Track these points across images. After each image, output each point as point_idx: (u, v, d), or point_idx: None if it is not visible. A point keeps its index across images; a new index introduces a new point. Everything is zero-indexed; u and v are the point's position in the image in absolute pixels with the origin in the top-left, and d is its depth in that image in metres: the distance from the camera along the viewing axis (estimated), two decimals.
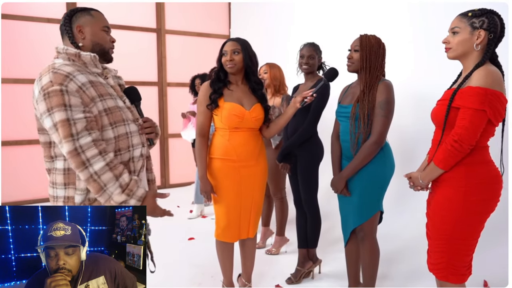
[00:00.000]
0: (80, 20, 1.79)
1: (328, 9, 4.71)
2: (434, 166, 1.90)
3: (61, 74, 1.63)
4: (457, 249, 1.89)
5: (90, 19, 1.81)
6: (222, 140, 2.49)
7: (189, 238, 4.07)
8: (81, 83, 1.67)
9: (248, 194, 2.55)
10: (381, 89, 2.31)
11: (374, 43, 2.36)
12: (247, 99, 2.51)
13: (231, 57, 2.44)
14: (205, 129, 2.53)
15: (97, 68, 1.80)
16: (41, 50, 5.11)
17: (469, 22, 1.86)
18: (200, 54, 6.27)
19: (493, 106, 1.76)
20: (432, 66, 3.54)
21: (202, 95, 2.50)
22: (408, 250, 3.37)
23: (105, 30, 1.85)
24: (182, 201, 5.44)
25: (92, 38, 1.80)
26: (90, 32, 1.80)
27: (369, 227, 2.44)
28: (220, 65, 2.49)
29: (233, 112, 2.43)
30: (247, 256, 2.76)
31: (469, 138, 1.77)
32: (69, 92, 1.61)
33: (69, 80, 1.63)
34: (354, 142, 2.37)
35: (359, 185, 2.41)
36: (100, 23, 1.84)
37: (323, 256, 3.39)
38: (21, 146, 5.13)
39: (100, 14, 1.87)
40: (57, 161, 1.73)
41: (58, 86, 1.60)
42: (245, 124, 2.48)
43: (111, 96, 1.79)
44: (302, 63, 3.00)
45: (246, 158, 2.50)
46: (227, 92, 2.49)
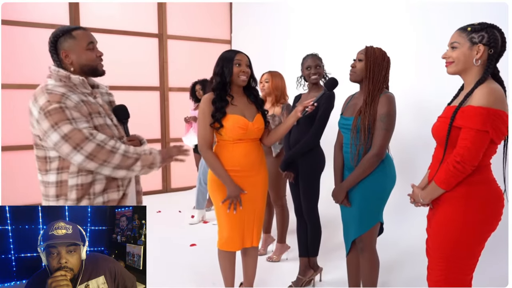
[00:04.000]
0: (64, 45, 1.83)
1: (329, 17, 4.67)
2: (436, 186, 1.87)
3: (56, 94, 1.71)
4: (458, 268, 1.86)
5: (73, 42, 1.84)
6: (225, 151, 2.46)
7: (191, 245, 4.04)
8: (76, 101, 1.74)
9: (250, 203, 2.51)
10: (383, 102, 2.29)
11: (379, 55, 2.34)
12: (249, 110, 2.49)
13: (246, 69, 2.42)
14: (210, 142, 2.46)
15: (86, 89, 1.86)
16: (42, 55, 5.13)
17: (468, 37, 1.82)
18: (201, 59, 6.28)
19: (495, 126, 1.72)
20: (434, 73, 3.49)
21: (205, 109, 2.44)
22: (408, 258, 3.34)
23: (90, 48, 1.88)
24: (184, 206, 5.42)
25: (79, 61, 1.85)
26: (76, 55, 1.84)
27: (368, 238, 2.42)
28: (224, 78, 2.41)
29: (237, 124, 2.40)
30: (249, 264, 2.73)
31: (471, 159, 1.74)
32: (68, 107, 1.69)
33: (65, 98, 1.71)
34: (355, 153, 2.36)
35: (359, 196, 2.39)
36: (83, 43, 1.86)
37: (324, 264, 3.36)
38: (20, 151, 5.12)
39: (82, 32, 1.88)
40: (50, 174, 1.79)
41: (57, 104, 1.67)
42: (249, 135, 2.45)
43: (100, 114, 1.86)
44: (311, 74, 2.97)
45: (248, 168, 2.47)
46: (229, 105, 2.44)
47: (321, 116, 2.83)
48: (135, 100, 5.68)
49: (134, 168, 1.79)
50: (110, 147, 1.72)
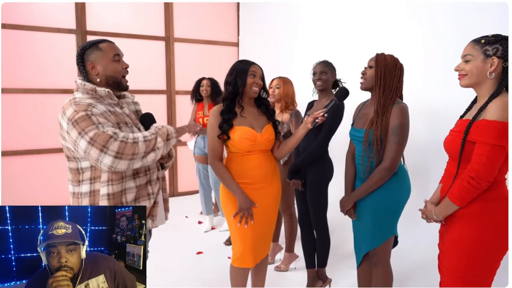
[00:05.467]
0: (90, 57, 1.90)
1: (338, 23, 4.61)
2: (450, 202, 1.83)
3: (83, 104, 1.77)
4: (474, 286, 1.82)
5: (100, 53, 1.90)
6: (235, 164, 2.43)
7: (198, 252, 3.99)
8: (103, 110, 1.80)
9: (263, 216, 2.46)
10: (396, 113, 2.22)
11: (390, 62, 2.27)
12: (258, 121, 2.45)
13: (259, 81, 2.40)
14: (220, 154, 2.43)
15: (112, 100, 1.91)
16: (46, 59, 5.18)
17: (482, 50, 1.76)
18: (208, 62, 6.29)
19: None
20: (444, 79, 3.42)
21: (213, 121, 2.42)
22: (421, 270, 3.28)
23: (116, 59, 1.94)
24: (191, 211, 5.40)
25: (105, 73, 1.91)
26: (102, 67, 1.90)
27: (382, 252, 2.36)
28: (236, 88, 2.39)
29: (245, 136, 2.36)
30: (258, 276, 2.69)
31: (486, 174, 1.69)
32: (94, 114, 1.74)
33: (92, 107, 1.77)
34: (367, 166, 2.31)
35: (373, 209, 2.33)
36: (110, 54, 1.92)
37: (333, 274, 3.31)
38: (27, 156, 5.15)
39: (109, 45, 1.95)
40: (83, 185, 1.84)
41: (84, 112, 1.73)
42: (258, 147, 2.42)
43: (127, 124, 1.91)
44: (316, 80, 2.96)
45: (259, 180, 2.43)
46: (238, 116, 2.41)
47: (327, 126, 2.79)
48: (142, 103, 5.64)
49: (157, 145, 1.85)
50: (132, 139, 1.76)
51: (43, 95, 5.19)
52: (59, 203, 3.78)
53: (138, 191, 1.90)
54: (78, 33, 5.34)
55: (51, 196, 5.19)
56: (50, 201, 5.10)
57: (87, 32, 5.40)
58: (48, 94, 5.21)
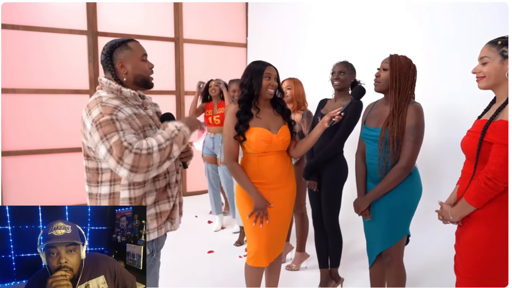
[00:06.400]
0: (120, 56, 1.88)
1: (347, 23, 4.57)
2: (466, 203, 1.81)
3: (109, 106, 1.73)
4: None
5: (129, 52, 1.89)
6: (250, 165, 2.44)
7: (209, 251, 4.01)
8: (128, 114, 1.77)
9: (278, 216, 2.47)
10: (411, 113, 2.23)
11: (404, 63, 2.27)
12: (274, 122, 2.46)
13: (274, 83, 2.40)
14: (236, 154, 2.45)
15: (137, 102, 1.90)
16: (54, 60, 5.22)
17: (499, 51, 1.75)
18: (217, 62, 6.29)
19: None
20: (461, 79, 3.38)
21: (229, 122, 2.43)
22: (434, 270, 3.26)
23: (144, 59, 1.93)
24: (200, 211, 5.41)
25: (134, 72, 1.89)
26: (131, 66, 1.88)
27: (396, 251, 2.37)
28: (252, 90, 2.41)
29: (261, 137, 2.37)
30: (272, 275, 2.70)
31: (503, 175, 1.67)
32: (119, 119, 1.71)
33: (118, 111, 1.73)
34: (383, 165, 2.30)
35: (387, 210, 2.33)
36: (139, 53, 1.92)
37: (345, 274, 3.30)
38: (25, 156, 5.17)
39: (137, 44, 1.94)
40: (102, 186, 1.81)
41: (109, 116, 1.70)
42: (273, 148, 2.42)
43: (151, 126, 1.89)
44: (334, 80, 2.94)
45: (275, 181, 2.44)
46: (254, 118, 2.42)
47: (345, 124, 2.77)
48: None
49: (173, 153, 1.79)
50: (146, 150, 1.69)
51: (53, 95, 5.24)
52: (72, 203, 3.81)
53: (158, 194, 1.88)
54: (89, 34, 5.38)
55: (62, 196, 5.24)
56: (62, 201, 5.14)
57: (98, 33, 5.43)
58: (58, 94, 5.27)
